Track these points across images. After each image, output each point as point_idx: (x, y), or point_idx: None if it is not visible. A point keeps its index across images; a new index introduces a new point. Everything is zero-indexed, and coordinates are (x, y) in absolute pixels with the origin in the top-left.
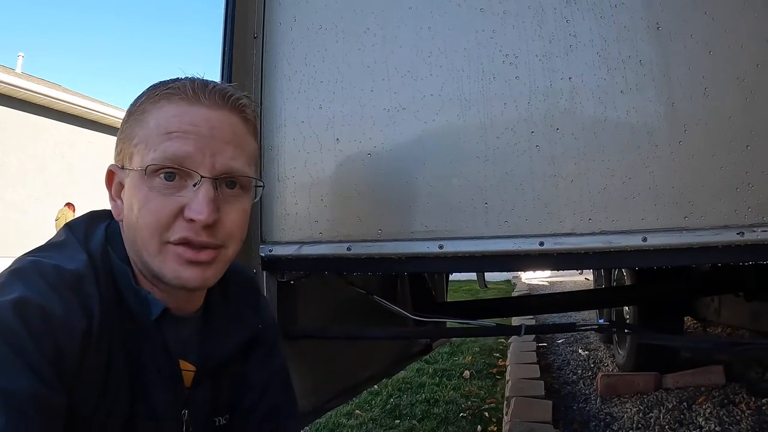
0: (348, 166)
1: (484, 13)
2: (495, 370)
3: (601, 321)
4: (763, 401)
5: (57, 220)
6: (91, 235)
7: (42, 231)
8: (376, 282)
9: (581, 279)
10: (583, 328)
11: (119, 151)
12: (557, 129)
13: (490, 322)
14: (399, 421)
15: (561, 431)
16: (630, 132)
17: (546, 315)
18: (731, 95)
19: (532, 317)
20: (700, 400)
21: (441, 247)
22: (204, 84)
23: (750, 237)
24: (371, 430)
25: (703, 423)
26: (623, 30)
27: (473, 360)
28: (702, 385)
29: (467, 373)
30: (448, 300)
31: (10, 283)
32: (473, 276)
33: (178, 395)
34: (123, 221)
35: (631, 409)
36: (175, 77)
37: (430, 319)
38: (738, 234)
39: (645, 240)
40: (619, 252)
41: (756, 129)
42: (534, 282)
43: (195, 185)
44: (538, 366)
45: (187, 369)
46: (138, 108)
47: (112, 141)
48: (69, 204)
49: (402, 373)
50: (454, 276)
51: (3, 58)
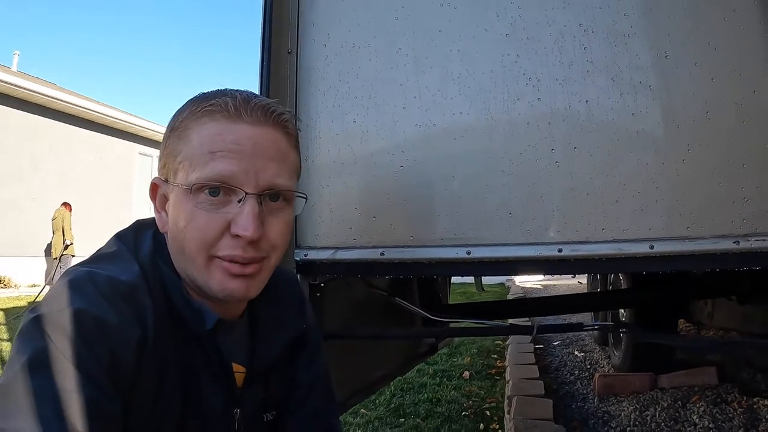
0: (381, 177)
1: (509, 39)
2: (494, 370)
3: (594, 322)
4: (755, 400)
5: (54, 219)
6: (140, 245)
7: (38, 230)
8: (387, 285)
9: (574, 282)
10: (590, 328)
11: (163, 165)
12: (575, 147)
13: (503, 322)
14: (404, 420)
15: (562, 427)
16: (639, 151)
17: (540, 317)
18: (730, 118)
19: (528, 319)
20: (694, 399)
21: (469, 253)
22: (246, 100)
23: (745, 245)
24: (377, 428)
25: (697, 420)
26: (635, 57)
27: (472, 361)
28: (696, 385)
29: (467, 374)
30: (450, 302)
31: (66, 295)
32: (466, 279)
33: (230, 396)
34: (168, 233)
35: (628, 408)
36: (217, 89)
37: (446, 320)
38: (734, 243)
39: (652, 247)
40: (629, 258)
41: (751, 149)
42: (528, 285)
43: (240, 201)
44: (536, 367)
45: (238, 371)
46: (181, 124)
47: (107, 140)
48: (66, 204)
49: None
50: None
51: None
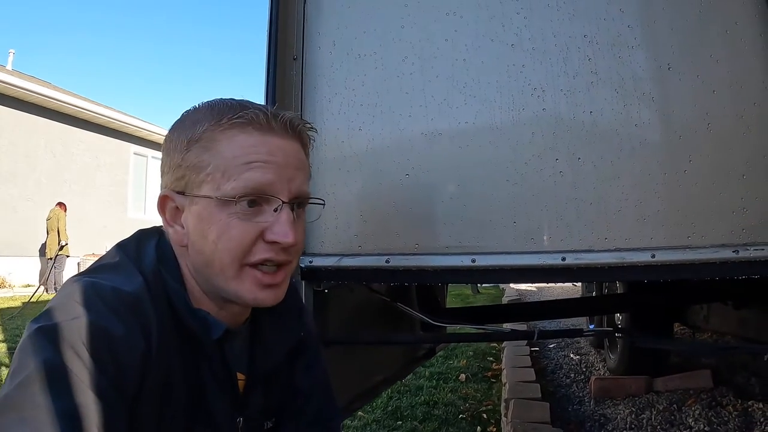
0: (387, 184)
1: (514, 49)
2: (490, 373)
3: (592, 327)
4: (750, 403)
5: (48, 219)
6: (143, 255)
7: (33, 230)
8: (387, 290)
9: (568, 285)
10: (589, 333)
11: (179, 177)
12: (579, 157)
13: (505, 327)
14: (401, 422)
15: (560, 429)
16: (642, 161)
17: (538, 321)
18: (731, 130)
19: (524, 323)
20: (689, 402)
21: (473, 261)
22: (275, 114)
23: (744, 255)
24: (375, 431)
25: (693, 423)
26: (638, 69)
27: (468, 364)
28: (691, 388)
29: (463, 377)
30: (447, 306)
31: (71, 305)
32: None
33: (234, 404)
34: (188, 246)
35: (624, 411)
36: (234, 100)
37: (447, 324)
38: (734, 252)
39: (653, 256)
40: (631, 267)
41: (751, 160)
42: (522, 287)
43: (276, 210)
44: (533, 370)
45: (239, 378)
46: (203, 135)
47: (103, 140)
48: (60, 203)
49: None
50: None
51: None
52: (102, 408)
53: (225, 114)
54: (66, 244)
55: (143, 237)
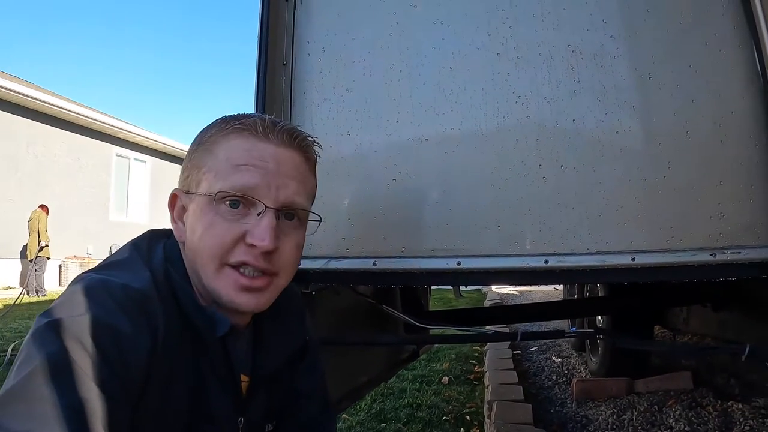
0: (374, 189)
1: (500, 58)
2: (472, 376)
3: (573, 329)
4: (729, 404)
5: (30, 221)
6: (153, 254)
7: (14, 231)
8: (371, 293)
9: (549, 289)
10: (571, 335)
11: (185, 177)
12: (561, 163)
13: (489, 329)
14: (385, 425)
15: (543, 430)
16: (623, 167)
17: (520, 324)
18: (709, 137)
19: (506, 326)
20: (669, 403)
21: (459, 264)
22: (273, 123)
23: (721, 258)
24: None
25: (674, 424)
26: (620, 78)
27: (450, 367)
28: (671, 390)
29: (446, 379)
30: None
31: (80, 301)
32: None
33: (236, 405)
34: (185, 243)
35: (606, 412)
36: (245, 113)
37: (431, 326)
38: (711, 255)
39: (634, 259)
40: (612, 269)
41: (728, 167)
42: (504, 291)
43: (259, 214)
44: (515, 372)
45: (243, 380)
46: (208, 140)
47: (85, 141)
48: (43, 206)
49: None
50: None
51: None
52: (107, 403)
53: (231, 121)
54: (46, 245)
55: (154, 236)
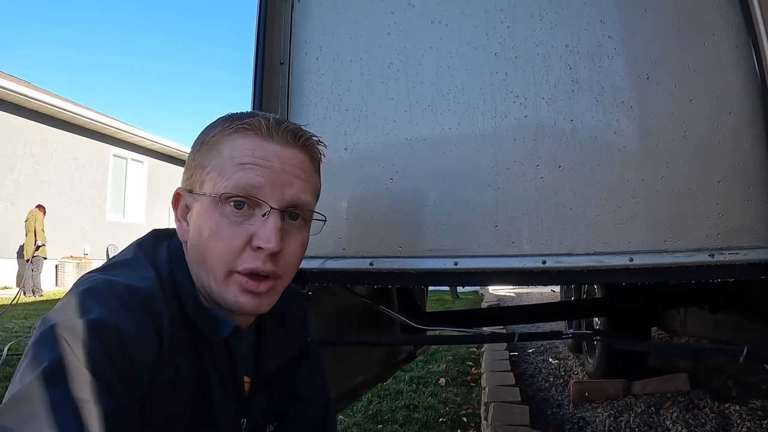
0: (371, 188)
1: (497, 57)
2: (469, 377)
3: (570, 331)
4: (726, 406)
5: (26, 221)
6: (157, 254)
7: (10, 231)
8: (368, 293)
9: (547, 290)
10: (567, 336)
11: (189, 176)
12: (559, 163)
13: (486, 330)
14: (381, 426)
15: None
16: (620, 167)
17: (517, 326)
18: (707, 138)
19: (502, 327)
20: (667, 405)
21: (456, 264)
22: (278, 122)
23: (719, 258)
24: None
25: (671, 426)
26: (617, 78)
27: (447, 368)
28: (668, 391)
29: (443, 381)
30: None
31: (85, 303)
32: (441, 287)
33: (239, 405)
34: (189, 242)
35: (603, 414)
36: (249, 111)
37: (428, 327)
38: (709, 256)
39: (631, 260)
40: (610, 270)
41: (726, 168)
42: (501, 293)
43: (264, 215)
44: (512, 374)
45: (245, 380)
46: (212, 139)
47: (82, 141)
48: (39, 206)
49: None
50: None
51: None
52: (114, 406)
53: (235, 120)
54: (42, 245)
55: (158, 236)
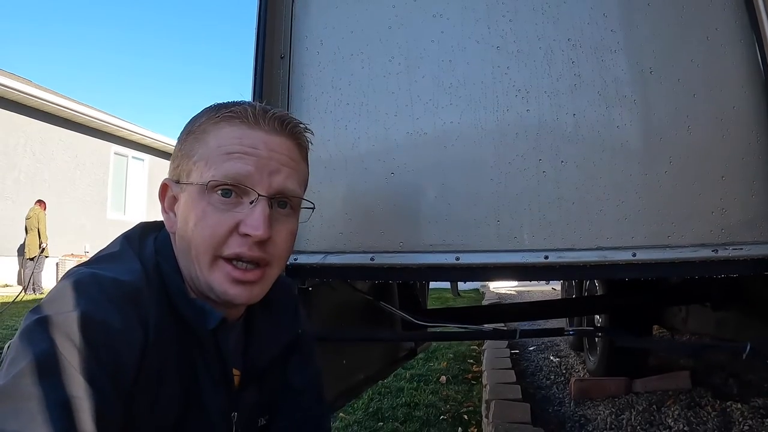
0: (372, 183)
1: (499, 51)
2: (470, 375)
3: (569, 328)
4: (728, 403)
5: (28, 219)
6: (144, 246)
7: (10, 229)
8: (368, 289)
9: (548, 288)
10: (570, 332)
11: (176, 166)
12: (562, 158)
13: (487, 327)
14: (382, 424)
15: (541, 429)
16: (623, 162)
17: (517, 323)
18: (710, 132)
19: (503, 324)
20: (668, 402)
21: (458, 259)
22: (264, 110)
23: (723, 254)
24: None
25: (672, 424)
26: (620, 72)
27: (448, 366)
28: (669, 389)
29: (443, 378)
30: (427, 308)
31: (70, 297)
32: (441, 285)
33: (229, 398)
34: (176, 233)
35: (604, 412)
36: (235, 101)
37: (429, 324)
38: (713, 251)
39: (634, 255)
40: (613, 265)
41: (730, 162)
42: (502, 290)
43: (252, 203)
44: (513, 371)
45: (234, 373)
46: (198, 128)
47: (83, 139)
48: (40, 201)
49: None
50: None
51: None
52: (98, 399)
53: (221, 109)
54: (46, 245)
55: (146, 229)
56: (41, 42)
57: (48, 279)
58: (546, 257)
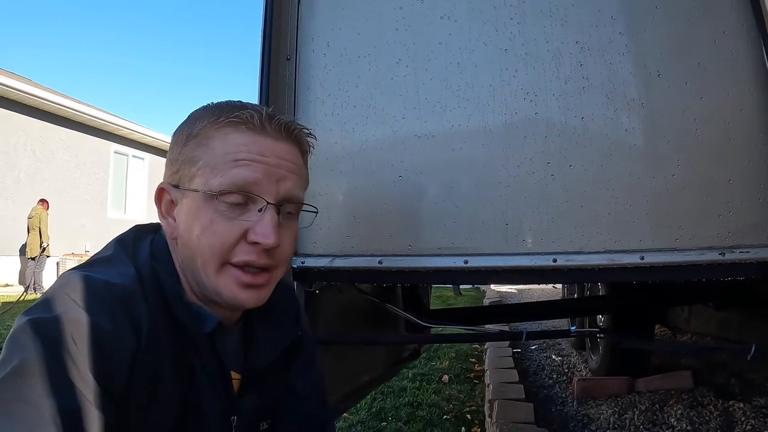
0: (380, 186)
1: (507, 53)
2: (472, 374)
3: (573, 328)
4: (730, 403)
5: (31, 218)
6: (138, 250)
7: (11, 228)
8: (373, 292)
9: (549, 287)
10: (576, 334)
11: (175, 171)
12: (570, 161)
13: (491, 328)
14: (385, 423)
15: (545, 429)
16: (631, 165)
17: (521, 323)
18: (718, 135)
19: (506, 325)
20: (671, 402)
21: (466, 262)
22: (270, 116)
23: (730, 257)
24: None
25: (675, 423)
26: (628, 75)
27: (450, 365)
28: (672, 389)
29: (446, 378)
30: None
31: (60, 300)
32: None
33: (228, 403)
34: (177, 239)
35: (607, 411)
36: (234, 101)
37: (434, 325)
38: (720, 254)
39: (642, 258)
40: (621, 268)
41: (737, 165)
42: (503, 290)
43: (260, 210)
44: (516, 371)
45: (234, 377)
46: (199, 132)
47: (83, 138)
48: (42, 200)
49: None
50: None
51: None
52: (88, 403)
53: (223, 113)
54: (48, 245)
55: (140, 232)
56: (47, 45)
57: (49, 278)
58: (554, 260)
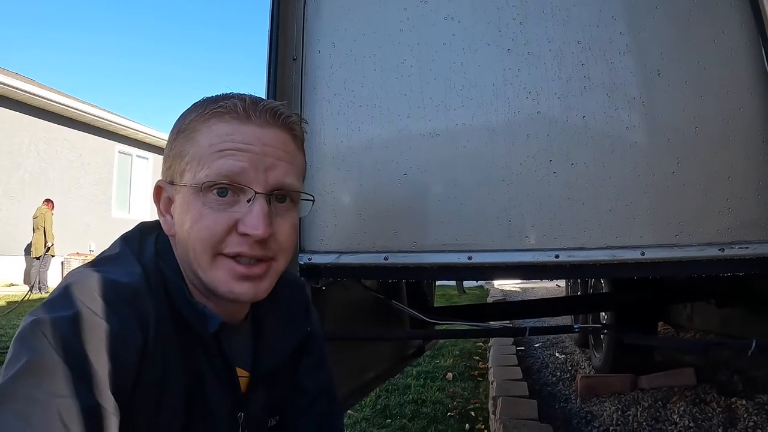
0: (385, 183)
1: (510, 53)
2: (476, 372)
3: (576, 325)
4: (733, 400)
5: (35, 218)
6: (144, 248)
7: (16, 228)
8: (378, 288)
9: (552, 285)
10: (579, 330)
11: (168, 167)
12: (572, 158)
13: (494, 324)
14: (390, 420)
15: (549, 426)
16: (632, 163)
17: (524, 320)
18: (717, 133)
19: (509, 322)
20: (673, 399)
21: (470, 258)
22: (254, 102)
23: (729, 252)
24: (365, 429)
25: (678, 420)
26: (629, 75)
27: (454, 363)
28: (675, 386)
29: (450, 375)
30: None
31: (68, 299)
32: (446, 282)
33: (235, 400)
34: (175, 236)
35: (610, 408)
36: (224, 93)
37: (439, 322)
38: (720, 250)
39: (643, 254)
40: (622, 264)
41: (736, 163)
42: (507, 287)
43: (249, 201)
44: (519, 368)
45: (242, 375)
46: (188, 126)
47: (87, 138)
48: (48, 200)
49: None
50: None
51: None
52: (92, 401)
53: (209, 105)
54: (52, 244)
55: (145, 230)
56: (52, 47)
57: (54, 278)
58: (557, 256)
